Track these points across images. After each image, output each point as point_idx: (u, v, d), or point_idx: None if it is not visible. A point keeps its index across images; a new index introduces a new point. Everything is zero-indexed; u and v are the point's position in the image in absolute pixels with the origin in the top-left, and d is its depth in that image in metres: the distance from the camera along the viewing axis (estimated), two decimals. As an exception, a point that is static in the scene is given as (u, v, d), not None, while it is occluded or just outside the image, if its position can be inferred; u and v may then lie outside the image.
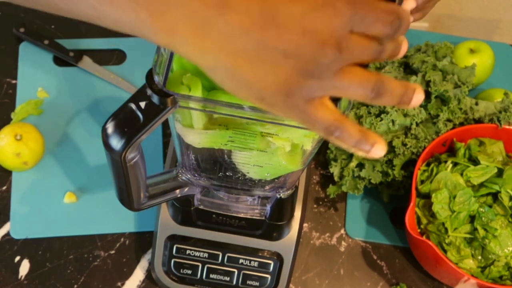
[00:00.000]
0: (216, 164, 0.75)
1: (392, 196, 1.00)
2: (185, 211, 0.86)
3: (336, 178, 0.98)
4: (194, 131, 0.65)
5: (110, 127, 0.62)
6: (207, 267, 0.89)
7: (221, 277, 0.89)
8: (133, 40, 1.10)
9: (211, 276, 0.89)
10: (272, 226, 0.86)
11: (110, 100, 1.06)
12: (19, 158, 0.95)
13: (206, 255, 0.88)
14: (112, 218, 0.97)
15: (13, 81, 1.06)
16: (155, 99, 0.59)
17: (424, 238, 0.87)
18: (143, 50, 1.09)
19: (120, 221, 0.97)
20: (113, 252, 0.96)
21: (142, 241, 0.97)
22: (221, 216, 0.86)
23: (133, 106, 0.60)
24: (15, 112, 1.03)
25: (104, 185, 0.99)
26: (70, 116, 1.04)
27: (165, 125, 1.06)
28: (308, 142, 0.66)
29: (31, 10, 1.12)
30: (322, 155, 1.02)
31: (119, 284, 0.94)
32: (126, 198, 0.73)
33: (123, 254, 0.96)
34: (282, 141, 0.66)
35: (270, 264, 0.88)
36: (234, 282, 0.89)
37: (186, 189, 0.81)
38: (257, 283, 0.89)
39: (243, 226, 0.87)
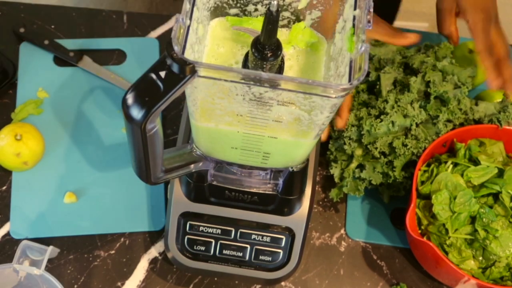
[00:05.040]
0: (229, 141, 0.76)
1: (392, 197, 1.00)
2: (198, 188, 0.87)
3: (336, 180, 0.98)
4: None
5: (130, 98, 0.62)
6: (220, 243, 0.90)
7: (234, 253, 0.90)
8: (133, 40, 1.10)
9: (224, 252, 0.90)
10: (283, 201, 0.87)
11: (110, 100, 1.06)
12: (19, 158, 0.95)
13: (219, 231, 0.89)
14: (112, 218, 0.97)
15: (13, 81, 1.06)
16: (175, 67, 0.60)
17: (424, 239, 0.87)
18: (143, 50, 1.09)
19: (120, 221, 0.97)
20: (113, 252, 0.96)
21: (142, 241, 0.97)
22: (234, 192, 0.87)
23: (153, 76, 0.61)
24: (15, 112, 1.02)
25: (104, 185, 0.99)
26: (70, 116, 1.04)
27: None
28: (325, 107, 0.66)
29: (31, 10, 1.13)
30: (322, 156, 1.02)
31: (119, 284, 0.94)
32: (144, 171, 0.74)
33: (123, 254, 0.96)
34: (298, 110, 0.66)
35: (282, 239, 0.89)
36: (247, 258, 0.90)
37: (200, 164, 0.82)
38: (269, 258, 0.90)
39: (255, 201, 0.88)
